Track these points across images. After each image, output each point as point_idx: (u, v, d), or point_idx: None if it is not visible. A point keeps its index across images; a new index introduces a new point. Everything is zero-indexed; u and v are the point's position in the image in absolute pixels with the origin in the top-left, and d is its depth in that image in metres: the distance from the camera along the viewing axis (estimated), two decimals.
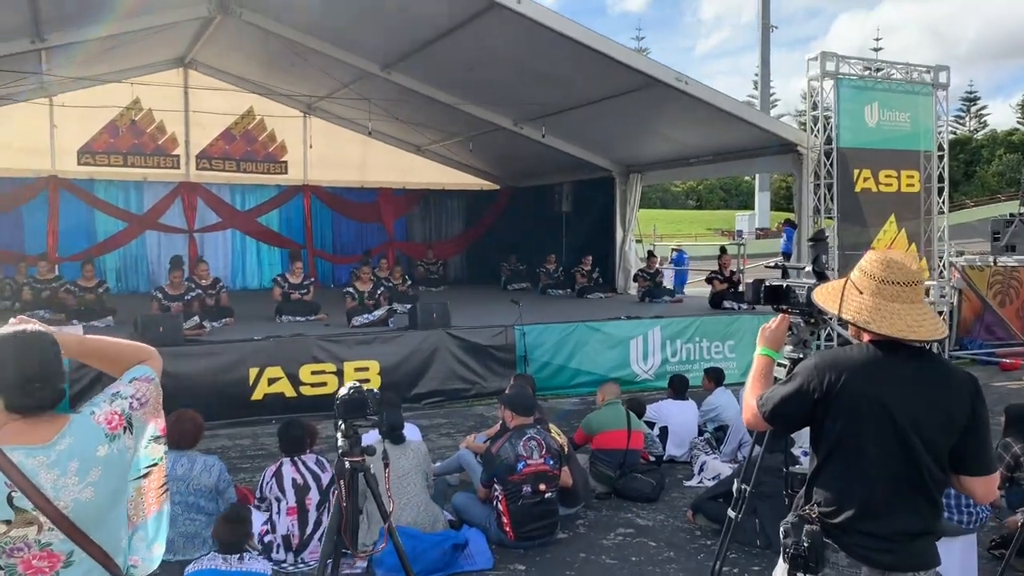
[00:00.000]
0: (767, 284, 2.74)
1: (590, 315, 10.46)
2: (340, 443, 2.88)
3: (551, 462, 4.88)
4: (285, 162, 15.92)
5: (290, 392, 8.15)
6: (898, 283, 2.23)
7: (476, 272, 17.57)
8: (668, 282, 15.20)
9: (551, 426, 5.48)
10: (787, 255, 13.19)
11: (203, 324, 8.95)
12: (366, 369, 8.49)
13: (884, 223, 10.43)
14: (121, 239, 14.73)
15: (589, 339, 9.74)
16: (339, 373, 8.34)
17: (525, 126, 13.19)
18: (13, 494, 1.68)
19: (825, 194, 10.31)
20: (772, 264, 2.89)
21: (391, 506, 3.42)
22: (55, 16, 9.63)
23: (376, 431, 4.98)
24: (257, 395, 8.06)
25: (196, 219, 15.21)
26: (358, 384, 2.85)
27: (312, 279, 11.05)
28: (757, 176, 30.29)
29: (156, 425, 2.02)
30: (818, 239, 2.87)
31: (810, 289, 2.68)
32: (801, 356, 2.73)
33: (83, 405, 1.88)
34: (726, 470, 5.92)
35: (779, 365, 2.69)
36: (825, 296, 2.39)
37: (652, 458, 6.31)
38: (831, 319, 2.34)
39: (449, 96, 12.60)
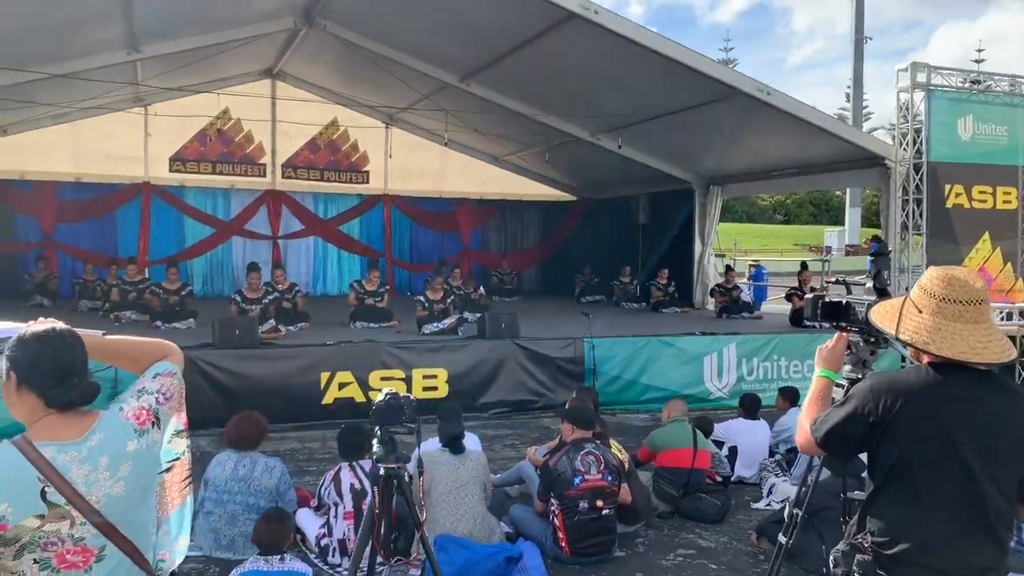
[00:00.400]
0: (825, 300, 2.60)
1: (664, 330, 10.27)
2: (375, 449, 2.87)
3: (609, 478, 4.77)
4: (367, 172, 16.23)
5: (359, 397, 8.23)
6: (960, 302, 2.09)
7: (550, 284, 17.53)
8: (747, 298, 14.82)
9: (612, 442, 5.37)
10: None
11: (279, 328, 9.17)
12: (434, 377, 8.54)
13: (977, 241, 9.91)
14: (208, 244, 15.24)
15: (661, 354, 9.56)
16: (407, 380, 8.41)
17: (602, 137, 13.10)
18: (46, 489, 1.71)
19: (914, 210, 9.86)
20: (834, 279, 2.74)
21: (423, 515, 3.39)
22: (148, 29, 10.04)
23: (437, 439, 5.01)
24: (327, 399, 8.19)
25: (280, 226, 15.62)
26: (394, 391, 2.84)
27: (387, 287, 11.19)
28: (848, 191, 29.33)
29: (179, 420, 2.06)
30: (879, 253, 2.71)
31: (869, 306, 2.53)
32: (860, 377, 2.58)
33: (111, 402, 1.91)
34: (794, 492, 5.68)
35: (838, 386, 2.55)
36: (883, 315, 2.25)
37: (719, 478, 6.12)
38: (894, 339, 2.20)
39: (526, 107, 12.62)
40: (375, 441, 2.81)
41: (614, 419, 8.84)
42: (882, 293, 2.58)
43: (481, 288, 14.40)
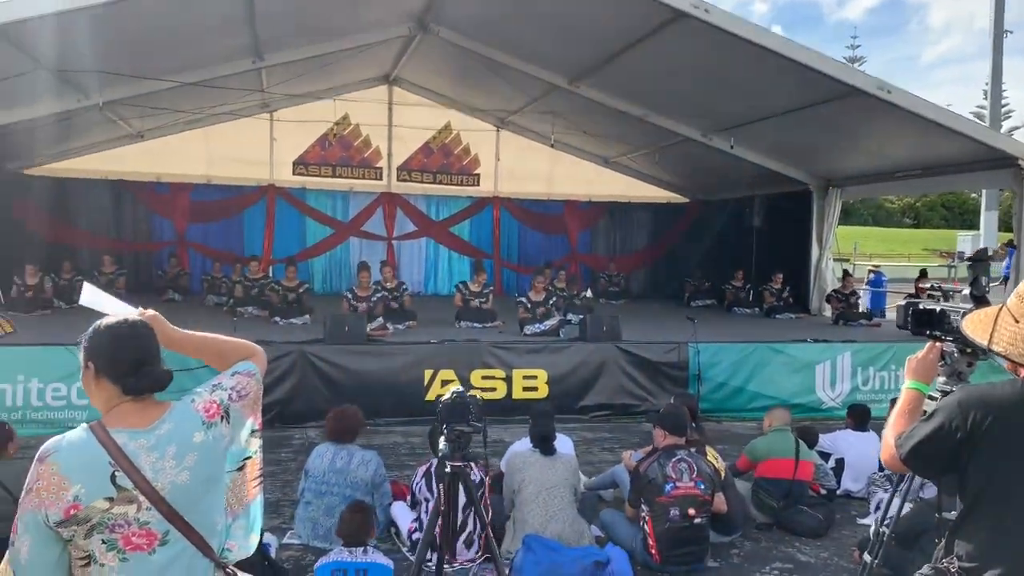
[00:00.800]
0: (916, 307, 2.47)
1: (775, 336, 9.97)
2: (442, 447, 2.91)
3: (702, 486, 4.68)
4: (478, 174, 16.47)
5: None
6: None
7: (660, 287, 17.26)
8: (865, 304, 14.19)
9: (709, 449, 5.26)
10: (1007, 279, 11.92)
11: (387, 325, 9.44)
12: (534, 377, 8.60)
13: None
14: (328, 244, 15.85)
15: (771, 361, 9.29)
16: (508, 380, 8.51)
17: (714, 137, 12.81)
18: (116, 473, 1.82)
19: None
20: (930, 286, 2.59)
21: (488, 514, 3.42)
22: (270, 39, 10.53)
23: (528, 439, 5.05)
24: (431, 396, 8.35)
25: (395, 227, 16.08)
26: (461, 390, 2.89)
27: (491, 288, 11.33)
28: (984, 193, 27.58)
29: (255, 420, 2.14)
30: (978, 259, 2.56)
31: (964, 314, 2.39)
32: (954, 390, 2.43)
33: (186, 394, 2.03)
34: (905, 509, 5.40)
35: (930, 398, 2.42)
36: (976, 324, 2.10)
37: (823, 491, 5.89)
38: (987, 349, 2.05)
39: (636, 107, 12.50)
40: (442, 439, 2.86)
41: (719, 426, 8.67)
42: (980, 301, 2.42)
43: (588, 291, 14.38)
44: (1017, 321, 1.98)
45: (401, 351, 8.45)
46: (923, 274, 12.30)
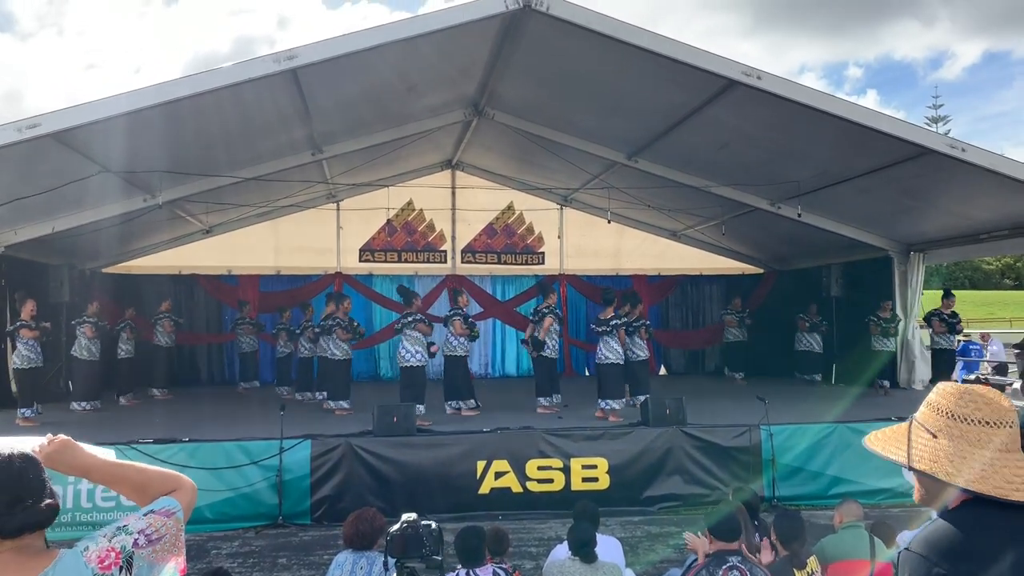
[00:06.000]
0: None
1: (857, 414, 9.26)
2: None
3: None
4: (542, 253, 16.32)
5: (516, 487, 8.00)
6: (986, 423, 1.66)
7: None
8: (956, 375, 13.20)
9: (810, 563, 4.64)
10: None
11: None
12: (594, 467, 8.14)
13: None
14: (394, 329, 15.79)
15: (851, 442, 8.56)
16: (566, 469, 8.08)
17: (783, 206, 12.33)
18: None
19: None
20: (974, 376, 2.17)
21: None
22: (327, 131, 10.73)
23: (566, 546, 4.62)
24: (484, 489, 8.00)
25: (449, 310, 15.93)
26: (415, 518, 2.53)
27: None
28: None
29: (175, 565, 1.85)
30: None
31: (1018, 414, 1.96)
32: None
33: (82, 539, 1.77)
34: None
35: None
36: (886, 442, 1.79)
37: None
38: (907, 469, 1.71)
39: (697, 179, 12.21)
40: None
41: None
42: None
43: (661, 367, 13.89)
44: (935, 436, 1.70)
45: (452, 441, 8.14)
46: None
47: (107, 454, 1.90)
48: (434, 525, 2.55)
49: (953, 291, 13.59)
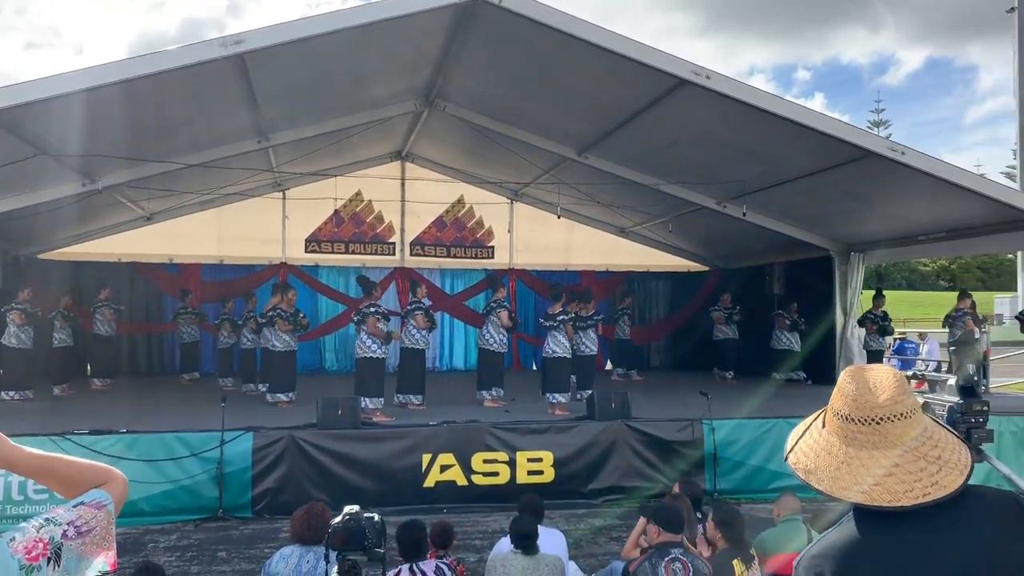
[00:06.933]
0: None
1: (798, 410, 9.44)
2: None
3: None
4: (492, 247, 16.31)
5: (462, 480, 7.99)
6: (850, 419, 1.49)
7: (683, 357, 16.79)
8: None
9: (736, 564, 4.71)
10: None
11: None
12: (539, 460, 8.17)
13: None
14: (341, 321, 15.64)
15: None
16: (511, 463, 8.09)
17: (729, 204, 12.52)
18: None
19: None
20: (911, 373, 2.21)
21: None
22: (274, 118, 10.54)
23: (508, 539, 4.63)
24: (429, 482, 7.97)
25: (408, 302, 15.82)
26: (357, 510, 2.51)
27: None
28: (1020, 254, 26.87)
29: (105, 559, 1.79)
30: (963, 342, 2.15)
31: (951, 409, 2.00)
32: None
33: (8, 531, 1.70)
34: None
35: None
36: (796, 431, 1.64)
37: None
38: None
39: (646, 177, 12.31)
40: (334, 571, 2.47)
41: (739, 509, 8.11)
42: (968, 392, 2.04)
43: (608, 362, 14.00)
44: (824, 426, 1.55)
45: (398, 434, 8.09)
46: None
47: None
48: (377, 517, 2.51)
49: (885, 292, 13.96)
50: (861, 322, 12.84)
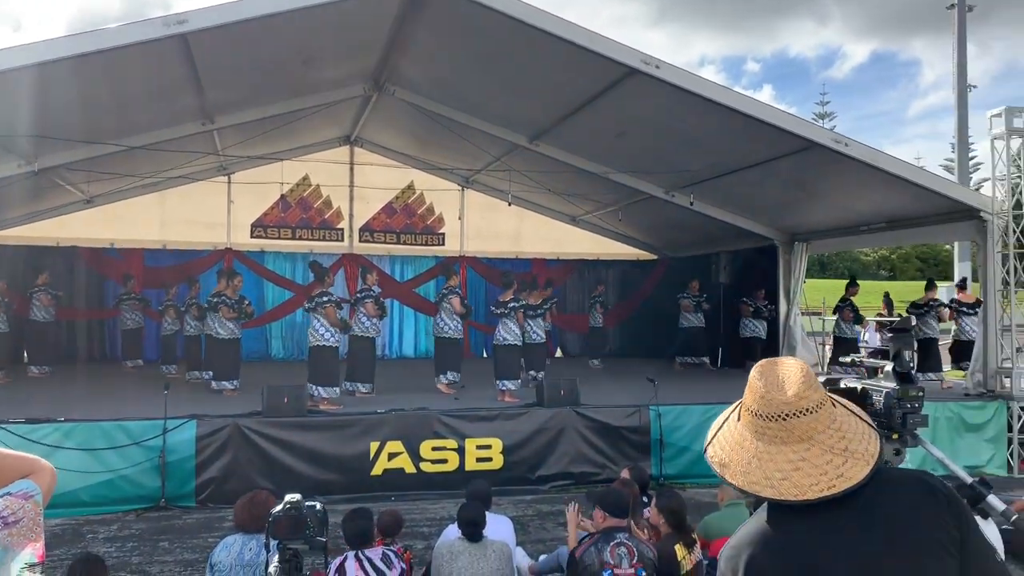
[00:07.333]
0: (836, 386, 2.14)
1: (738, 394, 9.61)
2: (271, 570, 2.46)
3: (643, 573, 4.27)
4: (443, 234, 16.23)
5: (410, 468, 7.96)
6: (758, 415, 1.50)
7: (633, 344, 16.97)
8: None
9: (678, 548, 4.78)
10: None
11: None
12: (488, 447, 8.18)
13: None
14: (288, 308, 15.44)
15: None
16: (460, 450, 8.09)
17: (677, 194, 12.67)
18: None
19: (1016, 266, 9.02)
20: (850, 359, 2.26)
21: None
22: (220, 100, 10.31)
23: (456, 526, 4.63)
24: (377, 470, 7.93)
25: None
26: (298, 499, 2.48)
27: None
28: (956, 244, 27.74)
29: (33, 550, 1.74)
30: (901, 329, 2.21)
31: (888, 394, 2.05)
32: None
33: None
34: None
35: None
36: (719, 421, 1.66)
37: None
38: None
39: (596, 165, 12.38)
40: (275, 560, 2.44)
41: (685, 494, 8.23)
42: (904, 378, 2.09)
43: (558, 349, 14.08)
44: (739, 419, 1.56)
45: (345, 422, 8.01)
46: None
47: None
48: (319, 506, 2.48)
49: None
50: (837, 310, 13.12)
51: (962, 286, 12.56)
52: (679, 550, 4.57)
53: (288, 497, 2.47)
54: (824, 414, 1.49)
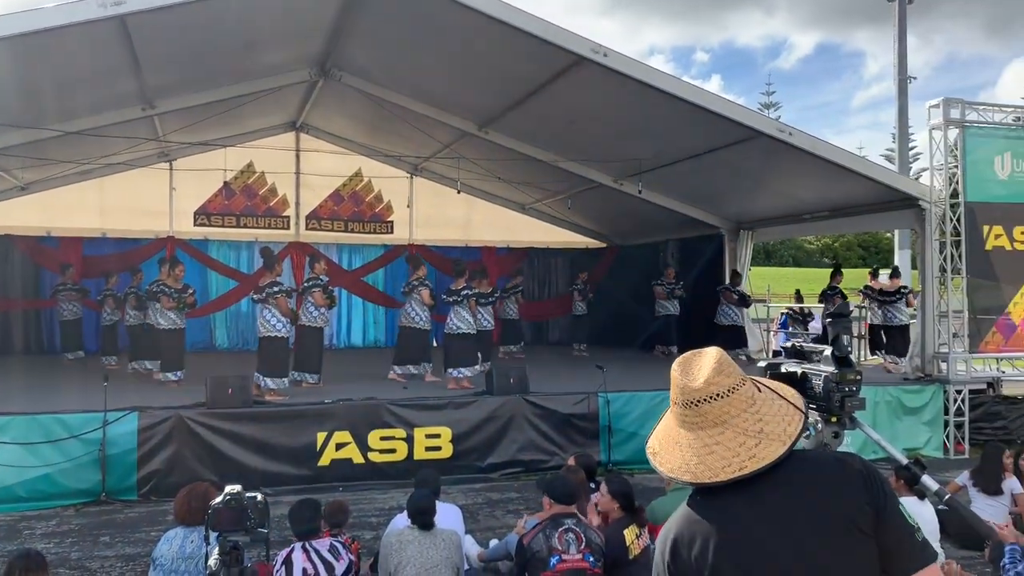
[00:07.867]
0: (777, 370, 2.18)
1: None
2: (211, 563, 2.41)
3: (591, 559, 4.31)
4: (391, 222, 16.09)
5: (358, 458, 7.90)
6: (678, 404, 1.58)
7: (614, 332, 17.03)
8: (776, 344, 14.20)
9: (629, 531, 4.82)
10: None
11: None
12: (437, 436, 8.15)
13: (1023, 286, 9.27)
14: (233, 297, 15.16)
15: None
16: (409, 439, 8.05)
17: (625, 182, 12.75)
18: None
19: (952, 253, 9.28)
20: (790, 344, 2.30)
21: None
22: (160, 84, 10.05)
23: (405, 515, 4.60)
24: (324, 460, 7.84)
25: (303, 278, 15.46)
26: (238, 490, 2.44)
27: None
28: (896, 233, 28.42)
29: None
30: (839, 314, 2.26)
31: (827, 379, 2.09)
32: None
33: None
34: None
35: None
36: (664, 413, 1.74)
37: None
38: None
39: (545, 153, 12.39)
40: (215, 552, 2.39)
41: (632, 480, 8.31)
42: (843, 362, 2.13)
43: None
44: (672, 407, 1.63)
45: (290, 413, 7.90)
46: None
47: None
48: (260, 497, 2.43)
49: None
50: (823, 298, 13.18)
51: (895, 274, 12.48)
52: (628, 534, 4.62)
53: (228, 488, 2.42)
54: (738, 398, 1.55)
